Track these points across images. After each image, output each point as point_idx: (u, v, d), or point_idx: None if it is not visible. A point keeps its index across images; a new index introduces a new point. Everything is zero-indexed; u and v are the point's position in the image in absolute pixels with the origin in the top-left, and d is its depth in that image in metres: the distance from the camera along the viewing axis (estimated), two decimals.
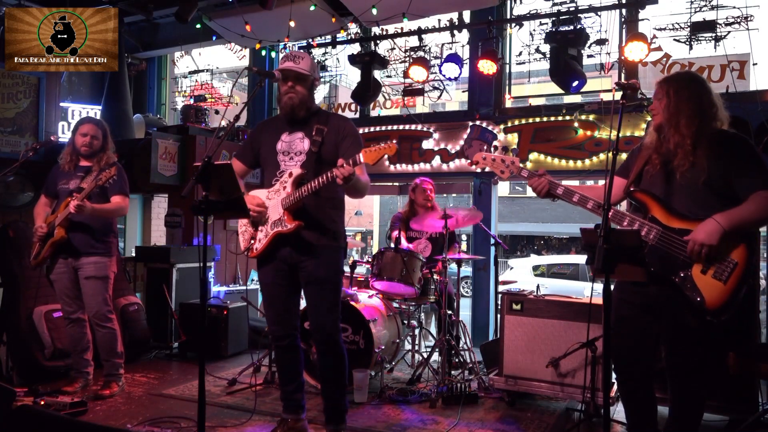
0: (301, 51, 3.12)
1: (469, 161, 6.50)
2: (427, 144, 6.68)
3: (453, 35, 6.23)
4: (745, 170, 2.32)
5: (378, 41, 6.47)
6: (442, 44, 6.44)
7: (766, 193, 2.27)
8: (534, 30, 5.93)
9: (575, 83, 5.36)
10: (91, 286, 3.87)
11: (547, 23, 5.71)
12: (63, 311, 3.99)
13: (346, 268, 4.65)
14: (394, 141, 2.71)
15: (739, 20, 5.23)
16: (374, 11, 5.84)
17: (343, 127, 3.11)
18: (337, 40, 6.98)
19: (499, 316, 4.06)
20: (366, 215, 26.90)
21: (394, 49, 6.76)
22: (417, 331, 4.76)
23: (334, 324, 3.08)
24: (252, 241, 3.11)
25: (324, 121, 3.11)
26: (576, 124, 5.97)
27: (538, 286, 4.54)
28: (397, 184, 7.76)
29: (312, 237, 3.02)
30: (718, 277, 2.27)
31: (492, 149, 2.85)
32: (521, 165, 2.76)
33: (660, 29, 5.52)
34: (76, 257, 3.86)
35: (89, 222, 3.84)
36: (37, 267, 3.96)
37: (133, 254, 6.09)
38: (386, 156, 2.77)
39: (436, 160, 6.63)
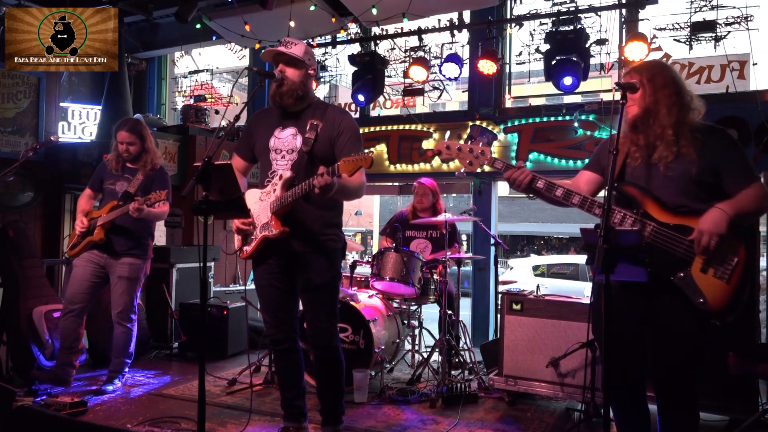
0: (296, 39, 2.97)
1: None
2: (427, 144, 6.68)
3: (453, 35, 6.23)
4: (735, 164, 2.26)
5: (378, 41, 6.47)
6: (442, 44, 6.43)
7: (758, 184, 2.25)
8: (534, 30, 5.93)
9: (569, 82, 5.32)
10: (122, 286, 3.94)
11: (547, 23, 5.71)
12: (67, 301, 3.95)
13: (347, 268, 4.69)
14: (371, 152, 2.53)
15: (739, 20, 5.23)
16: (374, 11, 5.83)
17: (340, 120, 2.90)
18: (337, 40, 6.98)
19: (499, 316, 4.06)
20: (366, 215, 26.91)
21: (394, 49, 6.77)
22: (417, 331, 4.77)
23: (331, 331, 3.00)
24: (244, 243, 2.99)
25: (320, 115, 2.91)
26: (576, 124, 5.97)
27: (538, 286, 4.54)
28: (397, 184, 7.76)
29: (301, 245, 2.89)
30: (720, 275, 2.17)
31: (468, 140, 2.64)
32: (494, 156, 2.53)
33: (660, 29, 5.52)
34: (113, 257, 3.92)
35: (130, 225, 3.89)
36: (73, 258, 3.99)
37: None
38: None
39: (436, 160, 6.63)
